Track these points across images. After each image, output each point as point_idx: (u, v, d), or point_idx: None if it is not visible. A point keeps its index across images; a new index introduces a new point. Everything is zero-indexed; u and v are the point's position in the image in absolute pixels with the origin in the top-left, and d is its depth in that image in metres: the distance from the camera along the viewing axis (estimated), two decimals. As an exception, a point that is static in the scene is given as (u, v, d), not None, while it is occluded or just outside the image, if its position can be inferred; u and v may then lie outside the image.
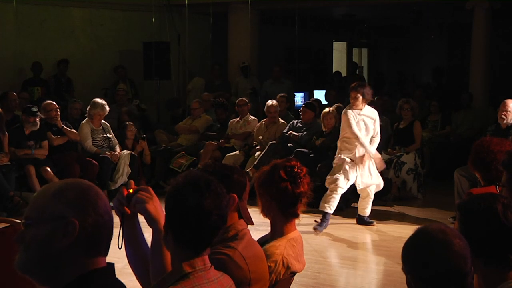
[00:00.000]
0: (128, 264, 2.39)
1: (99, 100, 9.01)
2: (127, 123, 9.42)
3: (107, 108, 8.99)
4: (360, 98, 7.09)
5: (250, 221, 2.82)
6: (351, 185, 8.34)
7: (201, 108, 10.26)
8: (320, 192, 8.02)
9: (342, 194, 8.35)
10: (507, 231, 2.20)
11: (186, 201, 2.11)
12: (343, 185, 7.24)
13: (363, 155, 7.16)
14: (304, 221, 6.84)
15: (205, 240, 2.15)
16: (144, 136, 9.41)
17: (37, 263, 1.73)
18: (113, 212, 1.88)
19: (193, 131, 10.13)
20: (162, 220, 2.22)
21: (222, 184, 2.26)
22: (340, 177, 7.22)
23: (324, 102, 11.57)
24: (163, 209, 2.20)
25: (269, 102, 9.60)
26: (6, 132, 8.17)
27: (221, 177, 2.57)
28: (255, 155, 9.11)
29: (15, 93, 9.18)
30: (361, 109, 7.15)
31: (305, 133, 9.00)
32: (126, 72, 11.87)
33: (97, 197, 1.77)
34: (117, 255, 2.27)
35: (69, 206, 1.72)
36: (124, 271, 2.63)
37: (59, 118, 8.64)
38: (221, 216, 2.15)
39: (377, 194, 8.85)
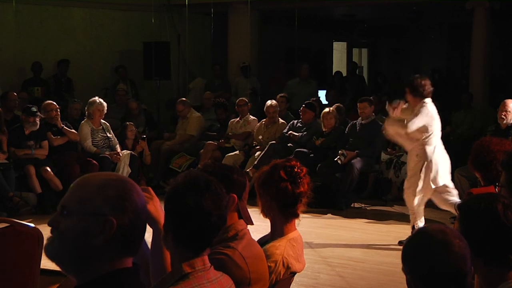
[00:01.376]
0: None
1: (94, 98, 9.02)
2: (127, 123, 9.43)
3: (105, 104, 9.00)
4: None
5: (249, 221, 2.82)
6: (351, 184, 8.37)
7: (186, 108, 10.21)
8: (320, 192, 8.04)
9: (343, 194, 8.37)
10: (507, 231, 2.20)
11: (186, 202, 2.11)
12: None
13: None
14: (304, 221, 6.81)
15: (204, 240, 2.15)
16: (144, 136, 9.41)
17: (68, 254, 1.72)
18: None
19: (188, 139, 10.12)
20: (162, 220, 2.22)
21: (222, 184, 2.26)
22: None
23: (324, 102, 11.57)
24: (163, 209, 2.20)
25: (268, 102, 9.61)
26: (5, 130, 8.17)
27: (221, 177, 2.57)
28: (255, 155, 9.11)
29: (15, 93, 9.20)
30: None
31: (305, 133, 9.01)
32: (126, 72, 11.88)
33: (137, 196, 1.76)
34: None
35: (110, 203, 1.71)
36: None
37: (59, 118, 8.65)
38: (221, 216, 2.15)
39: (377, 194, 8.88)
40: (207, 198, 2.12)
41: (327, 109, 9.00)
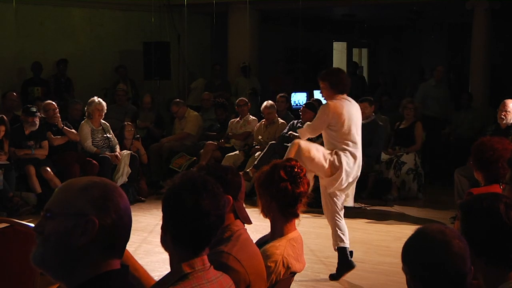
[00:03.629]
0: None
1: (93, 98, 9.02)
2: (126, 123, 9.42)
3: (104, 104, 8.99)
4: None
5: (247, 221, 2.82)
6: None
7: (181, 108, 10.21)
8: (320, 192, 8.02)
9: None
10: (509, 231, 2.20)
11: (184, 202, 2.11)
12: None
13: None
14: (304, 221, 6.79)
15: (204, 240, 2.15)
16: (138, 136, 9.38)
17: (53, 258, 1.72)
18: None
19: (184, 137, 10.11)
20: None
21: None
22: None
23: (324, 102, 11.56)
24: (162, 210, 2.19)
25: (264, 103, 9.61)
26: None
27: (215, 178, 2.58)
28: (255, 155, 9.11)
29: (14, 93, 9.22)
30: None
31: (305, 133, 8.99)
32: (127, 71, 11.87)
33: (120, 198, 1.76)
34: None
35: (91, 204, 1.71)
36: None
37: (59, 118, 8.65)
38: (219, 215, 2.16)
39: (377, 194, 8.88)
40: (205, 198, 2.12)
41: (327, 109, 8.98)
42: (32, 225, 3.44)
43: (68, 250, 1.70)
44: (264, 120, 9.60)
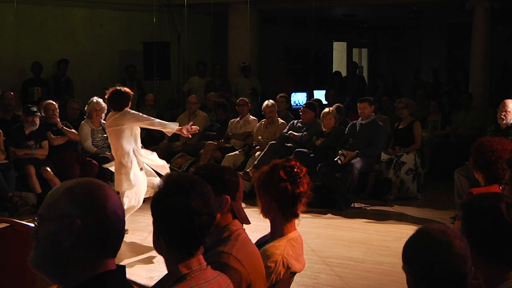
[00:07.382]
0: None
1: (93, 98, 9.01)
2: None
3: (103, 104, 8.95)
4: None
5: (246, 221, 2.82)
6: (351, 184, 8.35)
7: (198, 104, 10.24)
8: (320, 192, 8.03)
9: (343, 194, 8.35)
10: (510, 230, 2.20)
11: (174, 204, 2.10)
12: None
13: None
14: (304, 221, 6.78)
15: (197, 239, 2.13)
16: None
17: (47, 261, 1.73)
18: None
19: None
20: None
21: (215, 186, 2.25)
22: None
23: (324, 102, 11.58)
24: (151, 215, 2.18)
25: (265, 102, 9.61)
26: (0, 130, 8.17)
27: (213, 178, 2.58)
28: (255, 155, 9.11)
29: (12, 93, 9.21)
30: None
31: (305, 133, 9.00)
32: (136, 71, 11.86)
33: (106, 197, 1.75)
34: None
35: (74, 204, 1.72)
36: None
37: (57, 118, 8.64)
38: (210, 213, 2.14)
39: (377, 194, 8.88)
40: (194, 198, 2.11)
41: (327, 109, 9.00)
42: (32, 225, 3.44)
43: (59, 252, 1.71)
44: (264, 120, 9.59)
